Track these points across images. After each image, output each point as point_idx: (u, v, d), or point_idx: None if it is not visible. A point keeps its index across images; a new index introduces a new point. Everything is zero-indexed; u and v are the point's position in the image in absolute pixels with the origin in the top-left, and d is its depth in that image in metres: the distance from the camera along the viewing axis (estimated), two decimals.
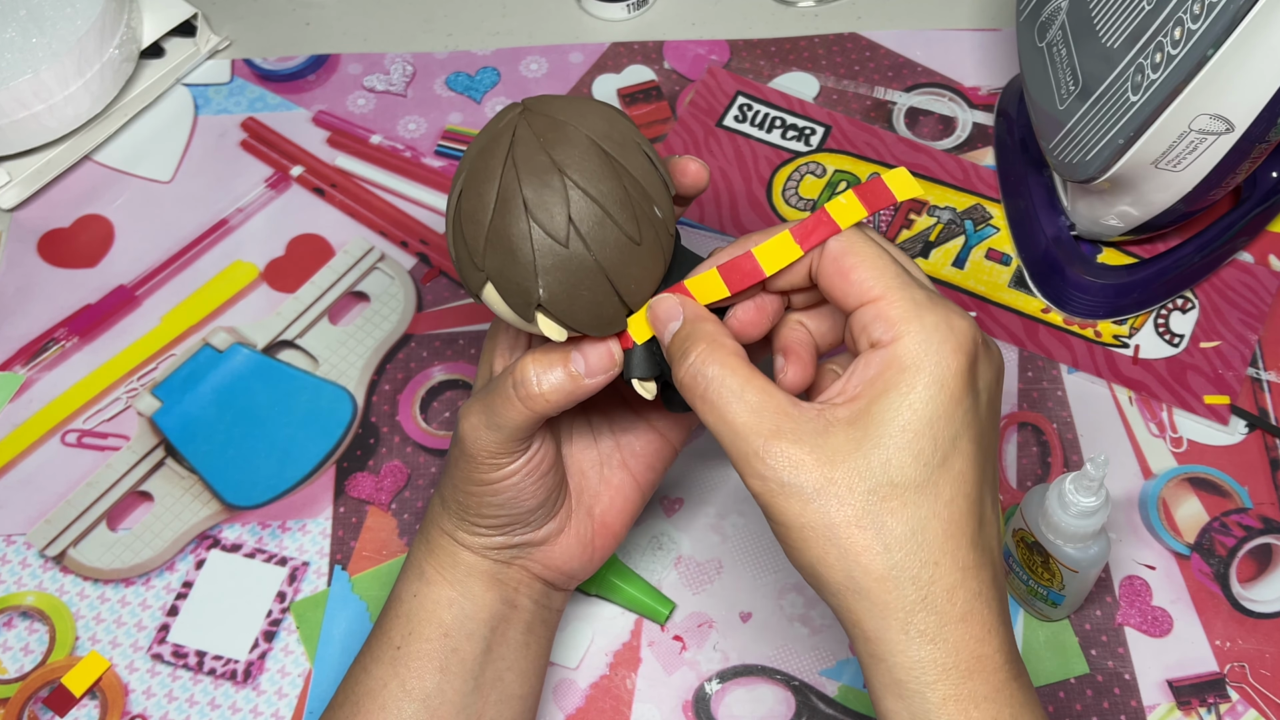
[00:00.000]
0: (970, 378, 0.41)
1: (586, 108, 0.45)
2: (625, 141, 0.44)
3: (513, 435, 0.47)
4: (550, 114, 0.44)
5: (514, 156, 0.43)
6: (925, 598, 0.40)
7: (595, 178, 0.43)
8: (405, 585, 0.52)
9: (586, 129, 0.44)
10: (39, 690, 0.60)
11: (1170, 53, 0.53)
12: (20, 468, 0.66)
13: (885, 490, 0.40)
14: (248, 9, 0.83)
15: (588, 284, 0.43)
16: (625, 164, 0.44)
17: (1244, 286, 0.68)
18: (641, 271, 0.45)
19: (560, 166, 0.43)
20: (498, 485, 0.49)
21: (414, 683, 0.50)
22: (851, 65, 0.77)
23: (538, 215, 0.42)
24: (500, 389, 0.47)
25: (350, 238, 0.72)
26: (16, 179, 0.74)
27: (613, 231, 0.43)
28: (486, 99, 0.77)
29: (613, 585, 0.61)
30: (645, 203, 0.44)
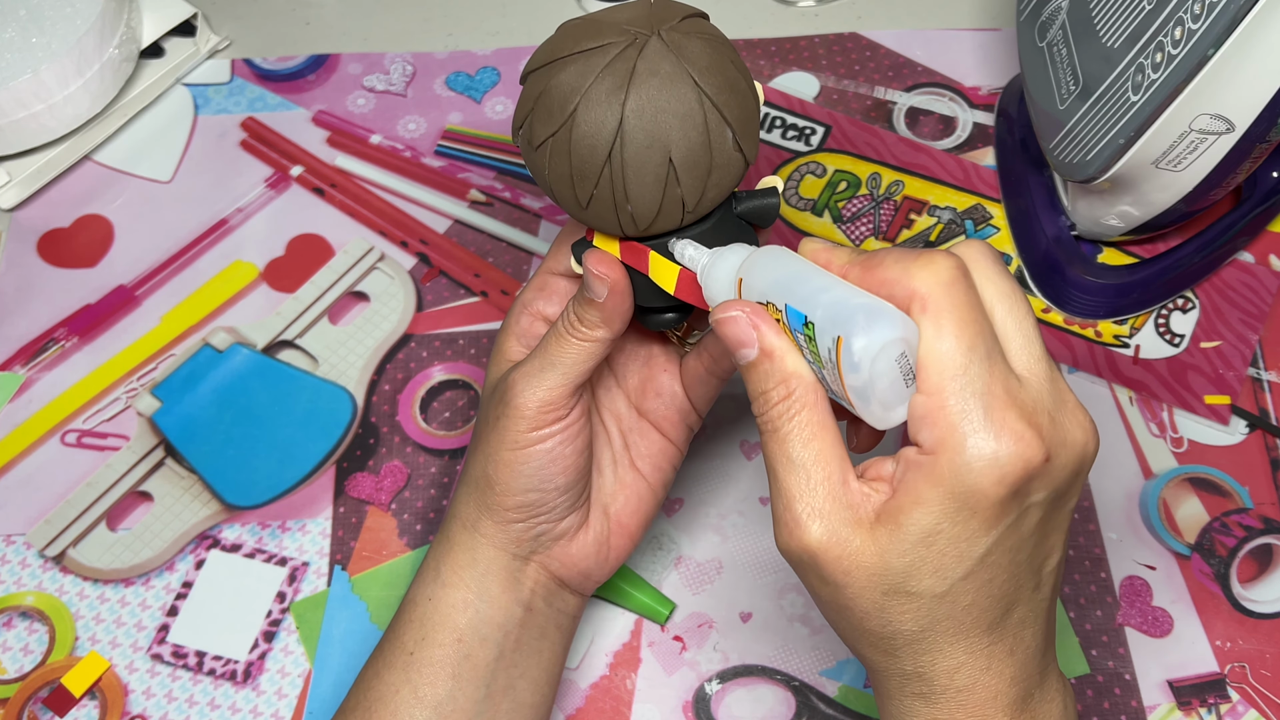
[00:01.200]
0: (1011, 503, 0.38)
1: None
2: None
3: (567, 377, 0.48)
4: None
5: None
6: (922, 673, 0.41)
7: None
8: (420, 588, 0.52)
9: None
10: (39, 690, 0.60)
11: (1171, 52, 0.53)
12: (20, 468, 0.66)
13: (901, 597, 0.39)
14: (247, 9, 0.83)
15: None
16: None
17: (1244, 286, 0.68)
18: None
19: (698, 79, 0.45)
20: (535, 449, 0.49)
21: (426, 689, 0.50)
22: (851, 65, 0.77)
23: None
24: (552, 337, 0.49)
25: (350, 238, 0.72)
26: (16, 179, 0.74)
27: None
28: (486, 99, 0.77)
29: (613, 586, 0.61)
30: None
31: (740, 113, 0.45)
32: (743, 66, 0.46)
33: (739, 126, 0.45)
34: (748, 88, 0.46)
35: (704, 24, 0.46)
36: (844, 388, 0.39)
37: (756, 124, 0.46)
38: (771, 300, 0.41)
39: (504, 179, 0.74)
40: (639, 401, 0.55)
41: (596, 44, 0.44)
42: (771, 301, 0.41)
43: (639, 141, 0.44)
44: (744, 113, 0.45)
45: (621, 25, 0.45)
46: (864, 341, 0.37)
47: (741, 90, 0.45)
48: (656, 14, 0.46)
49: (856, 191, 0.72)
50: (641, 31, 0.45)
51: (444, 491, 0.64)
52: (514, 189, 0.74)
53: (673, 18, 0.45)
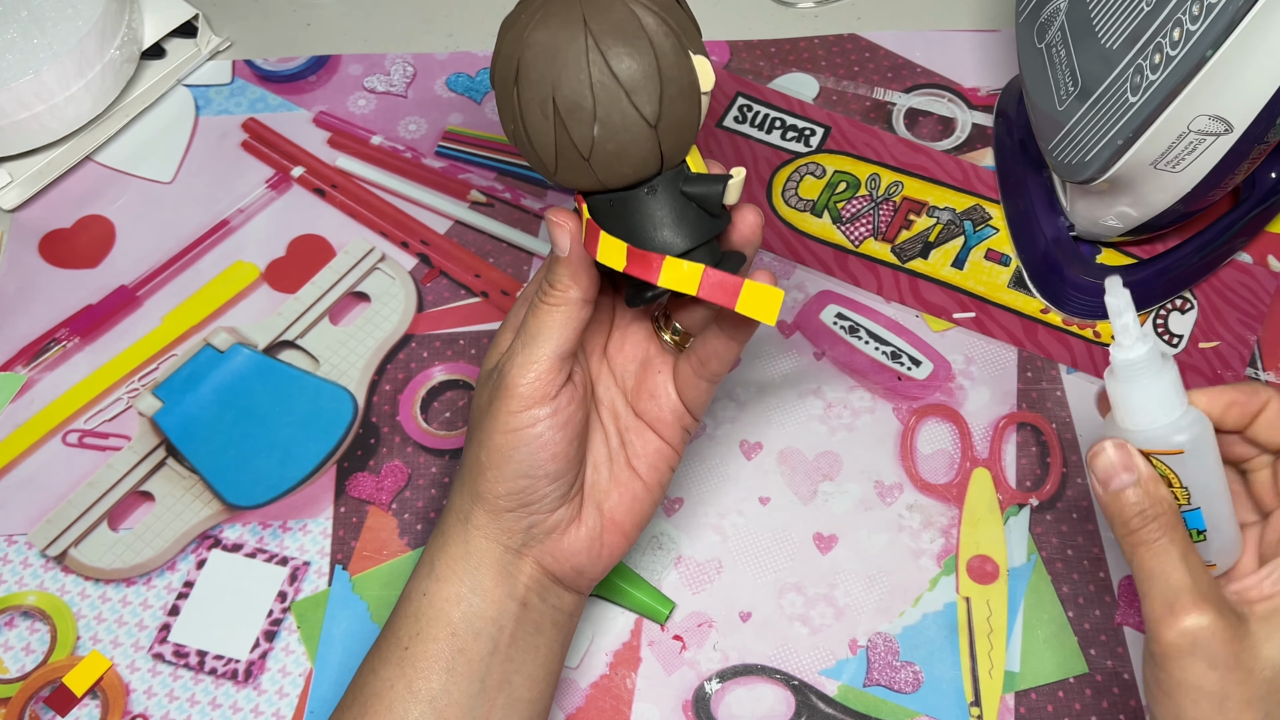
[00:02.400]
0: None
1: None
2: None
3: (553, 349, 0.49)
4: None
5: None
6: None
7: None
8: (415, 583, 0.52)
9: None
10: (40, 690, 0.60)
11: (1169, 53, 0.54)
12: (21, 468, 0.66)
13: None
14: (248, 10, 0.83)
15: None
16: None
17: (1243, 287, 0.68)
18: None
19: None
20: (526, 433, 0.49)
21: (420, 683, 0.50)
22: (851, 66, 0.77)
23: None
24: (529, 315, 0.50)
25: (351, 238, 0.72)
26: (18, 179, 0.74)
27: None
28: (487, 100, 0.77)
29: (613, 585, 0.61)
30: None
31: (639, 76, 0.45)
32: (664, 32, 0.46)
33: (633, 87, 0.45)
34: (663, 54, 0.46)
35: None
36: None
37: (660, 92, 0.46)
38: (1185, 485, 0.46)
39: (504, 180, 0.74)
40: (635, 402, 0.55)
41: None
42: (1184, 485, 0.46)
43: (530, 77, 0.46)
44: (644, 76, 0.45)
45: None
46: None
47: (643, 52, 0.45)
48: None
49: (856, 192, 0.72)
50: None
51: (444, 491, 0.64)
52: (514, 190, 0.74)
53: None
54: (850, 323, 0.68)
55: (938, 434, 0.65)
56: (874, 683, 0.59)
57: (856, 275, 0.69)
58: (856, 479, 0.64)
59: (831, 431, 0.65)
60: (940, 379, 0.66)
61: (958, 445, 0.64)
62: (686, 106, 0.47)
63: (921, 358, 0.67)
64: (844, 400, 0.66)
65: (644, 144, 0.46)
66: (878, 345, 0.67)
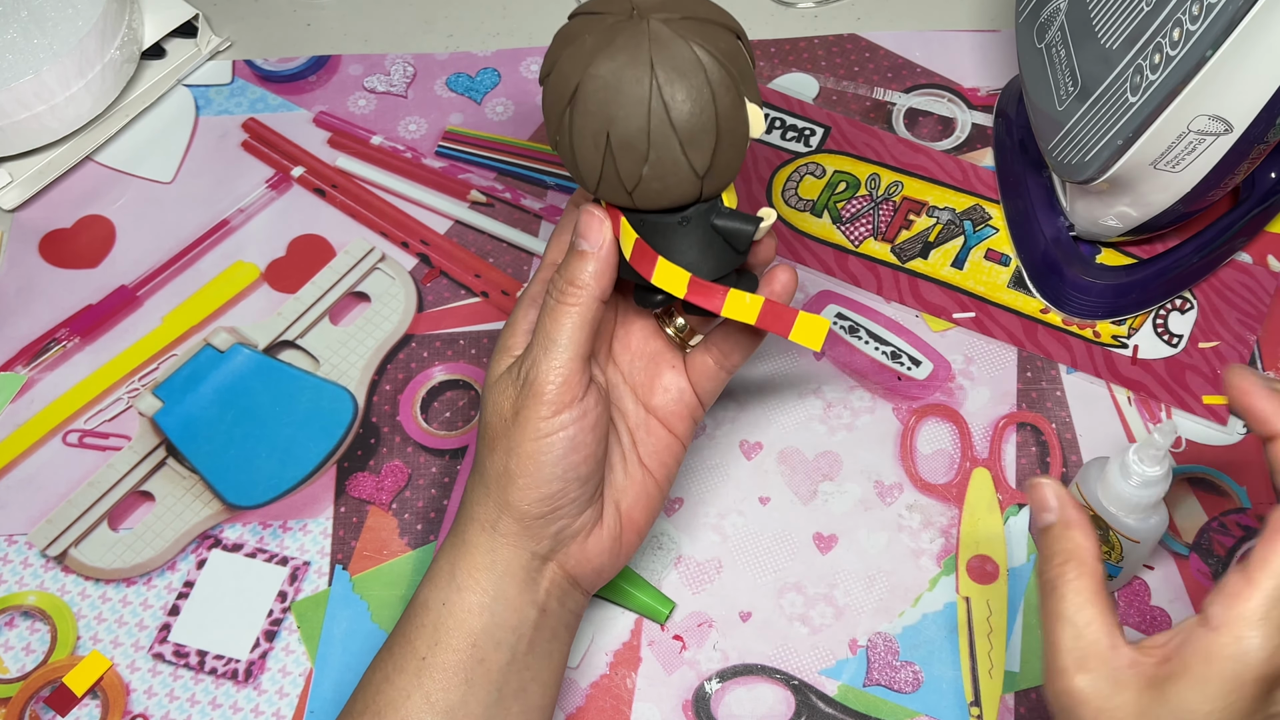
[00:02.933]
0: (1264, 699, 0.42)
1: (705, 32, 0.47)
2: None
3: (573, 350, 0.49)
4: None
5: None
6: None
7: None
8: (433, 592, 0.52)
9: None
10: (40, 690, 0.60)
11: (1169, 54, 0.54)
12: (22, 468, 0.66)
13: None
14: (248, 10, 0.83)
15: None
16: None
17: (1242, 287, 0.68)
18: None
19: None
20: (557, 437, 0.49)
21: (439, 695, 0.50)
22: (851, 66, 0.77)
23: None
24: (544, 316, 0.50)
25: (351, 238, 0.72)
26: (18, 179, 0.74)
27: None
28: (487, 100, 0.78)
29: (613, 585, 0.61)
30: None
31: (694, 123, 0.46)
32: (726, 83, 0.46)
33: (687, 136, 0.46)
34: (721, 104, 0.46)
35: (715, 33, 0.46)
36: None
37: (715, 141, 0.47)
38: (1124, 555, 0.56)
39: (504, 180, 0.74)
40: (646, 399, 0.56)
41: (604, 9, 0.47)
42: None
43: (587, 107, 0.46)
44: (699, 125, 0.46)
45: (635, 3, 0.46)
46: None
47: (703, 102, 0.46)
48: (676, 3, 0.47)
49: (856, 192, 0.72)
50: (639, 11, 0.46)
51: (445, 491, 0.64)
52: (514, 190, 0.74)
53: (679, 14, 0.46)
54: (850, 323, 0.68)
55: (937, 434, 0.65)
56: (874, 683, 0.59)
57: (856, 275, 0.69)
58: (856, 479, 0.64)
59: (831, 431, 0.65)
60: (940, 379, 0.66)
61: (957, 445, 0.64)
62: (735, 154, 0.48)
63: (921, 358, 0.67)
64: (844, 400, 0.66)
65: (688, 186, 0.48)
66: (878, 345, 0.67)
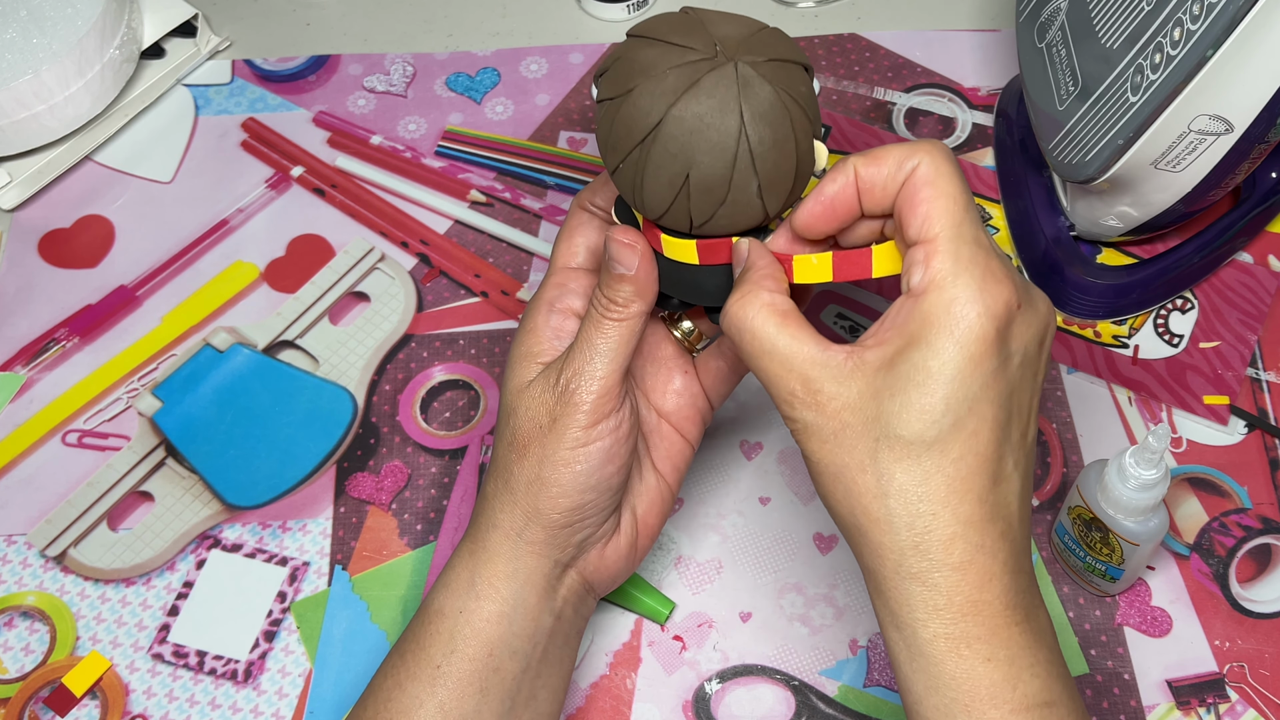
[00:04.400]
0: (997, 341, 0.41)
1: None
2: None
3: (615, 360, 0.49)
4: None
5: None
6: (919, 544, 0.42)
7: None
8: (449, 599, 0.51)
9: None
10: (40, 690, 0.60)
11: (1170, 53, 0.54)
12: (21, 468, 0.66)
13: (891, 440, 0.42)
14: (248, 9, 0.83)
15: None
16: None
17: (1243, 287, 0.68)
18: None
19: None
20: (594, 447, 0.49)
21: (453, 704, 0.50)
22: (851, 66, 0.77)
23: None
24: (588, 325, 0.49)
25: (351, 238, 0.72)
26: (17, 179, 0.74)
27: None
28: (487, 100, 0.77)
29: None
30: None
31: (776, 170, 0.46)
32: (806, 128, 0.47)
33: (768, 180, 0.46)
34: (801, 149, 0.46)
35: (795, 75, 0.46)
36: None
37: (792, 184, 0.47)
38: (1124, 558, 0.57)
39: (504, 179, 0.74)
40: (658, 403, 0.55)
41: (684, 43, 0.46)
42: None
43: (667, 147, 0.45)
44: (780, 171, 0.46)
45: (717, 38, 0.46)
46: None
47: (787, 149, 0.46)
48: (758, 42, 0.46)
49: None
50: (724, 54, 0.45)
51: (444, 491, 0.64)
52: (514, 190, 0.74)
53: (764, 55, 0.46)
54: (850, 322, 0.68)
55: None
56: (874, 683, 0.59)
57: None
58: None
59: None
60: None
61: None
62: (803, 189, 0.48)
63: None
64: None
65: (754, 221, 0.48)
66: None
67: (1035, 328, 0.43)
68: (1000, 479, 0.42)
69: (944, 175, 0.43)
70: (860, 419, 0.42)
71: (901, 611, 0.43)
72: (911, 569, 0.42)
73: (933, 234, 0.42)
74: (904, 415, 0.41)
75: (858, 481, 0.42)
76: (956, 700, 0.42)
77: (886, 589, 0.43)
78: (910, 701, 0.44)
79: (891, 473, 0.42)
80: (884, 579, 0.43)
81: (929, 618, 0.42)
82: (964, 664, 0.42)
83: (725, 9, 0.49)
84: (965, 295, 0.41)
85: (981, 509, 0.42)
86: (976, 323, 0.41)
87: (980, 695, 0.42)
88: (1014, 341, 0.42)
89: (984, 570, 0.42)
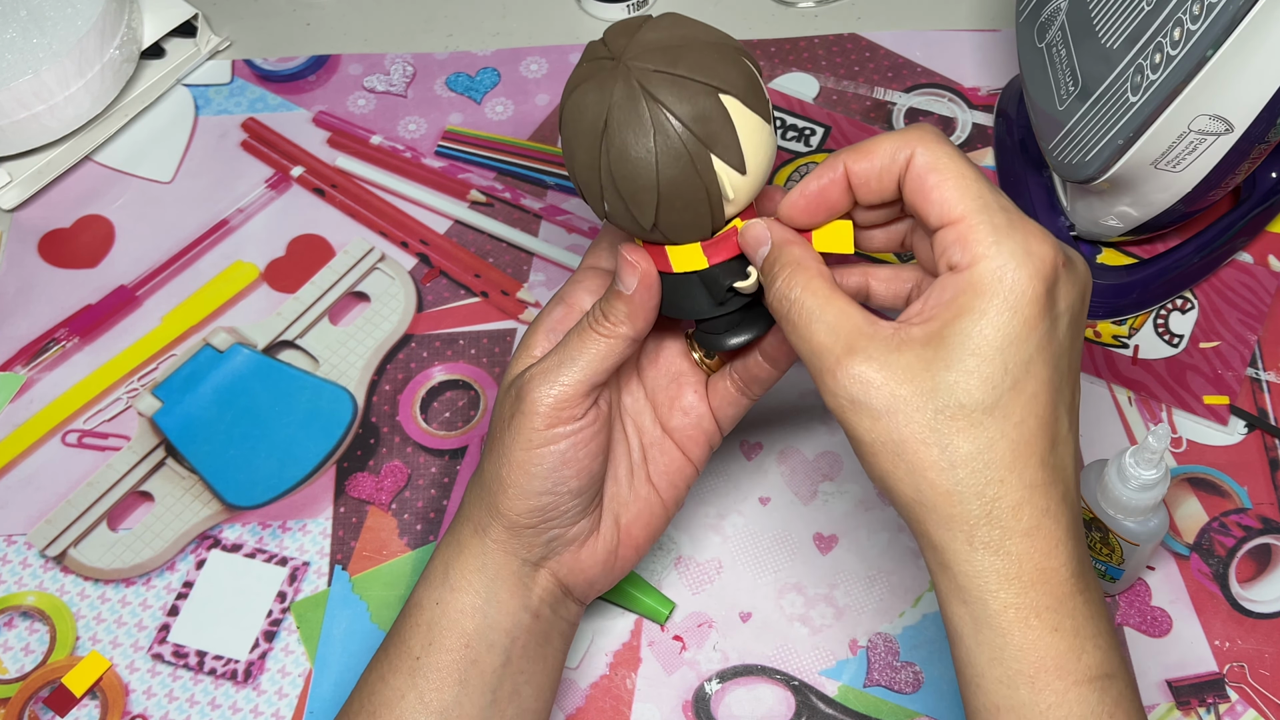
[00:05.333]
0: (1047, 301, 0.41)
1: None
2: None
3: (584, 375, 0.48)
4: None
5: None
6: (990, 513, 0.41)
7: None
8: (427, 591, 0.52)
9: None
10: (39, 690, 0.60)
11: (1170, 53, 0.54)
12: (21, 468, 0.66)
13: (952, 410, 0.41)
14: (248, 9, 0.83)
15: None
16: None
17: (1243, 287, 0.68)
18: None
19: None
20: (548, 450, 0.49)
21: (433, 695, 0.50)
22: (851, 66, 0.77)
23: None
24: (573, 334, 0.49)
25: (350, 238, 0.72)
26: (17, 179, 0.74)
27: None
28: (487, 100, 0.77)
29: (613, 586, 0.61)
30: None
31: (634, 187, 0.45)
32: (684, 154, 0.45)
33: (629, 195, 0.46)
34: (673, 173, 0.45)
35: (694, 97, 0.45)
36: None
37: (656, 201, 0.46)
38: (1124, 558, 0.57)
39: (504, 179, 0.74)
40: (665, 418, 0.55)
41: (610, 43, 0.46)
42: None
43: (563, 143, 0.47)
44: (639, 187, 0.45)
45: (637, 43, 0.46)
46: None
47: (645, 167, 0.45)
48: (674, 55, 0.45)
49: None
50: (623, 56, 0.45)
51: (444, 491, 0.64)
52: (514, 189, 0.74)
53: (661, 65, 0.45)
54: None
55: None
56: (874, 683, 0.59)
57: None
58: (856, 479, 0.64)
59: (831, 431, 0.65)
60: None
61: None
62: (693, 214, 0.46)
63: None
64: None
65: (645, 235, 0.48)
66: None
67: (1079, 285, 0.43)
68: (1058, 440, 0.42)
69: (944, 156, 0.43)
70: (914, 391, 0.41)
71: (971, 584, 0.42)
72: (984, 539, 0.41)
73: (959, 214, 0.42)
74: (964, 383, 0.41)
75: (921, 455, 0.41)
76: (1021, 671, 0.42)
77: (956, 562, 0.42)
78: (971, 675, 0.43)
79: (956, 443, 0.41)
80: (954, 553, 0.42)
81: (1000, 588, 0.41)
82: (1031, 633, 0.41)
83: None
84: (1013, 261, 0.41)
85: (1044, 472, 0.42)
86: (1029, 285, 0.41)
87: (1046, 665, 0.41)
88: (1061, 301, 0.42)
89: (1050, 536, 0.42)
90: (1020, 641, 0.42)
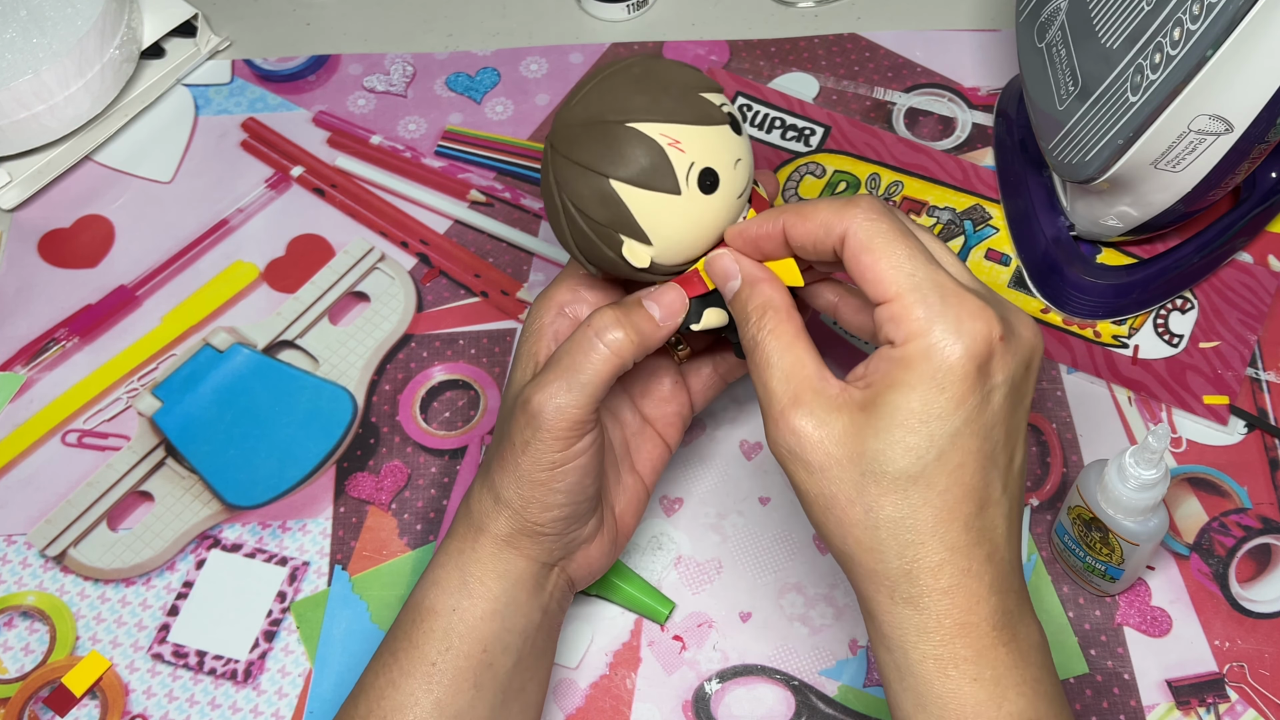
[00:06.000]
0: (978, 378, 0.42)
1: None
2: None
3: (593, 393, 0.49)
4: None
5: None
6: (909, 571, 0.43)
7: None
8: (442, 598, 0.51)
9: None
10: (39, 690, 0.60)
11: (1169, 53, 0.54)
12: (21, 468, 0.66)
13: (877, 476, 0.42)
14: (248, 9, 0.83)
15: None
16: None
17: (1243, 287, 0.68)
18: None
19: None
20: (569, 466, 0.49)
21: (448, 700, 0.50)
22: (851, 66, 0.77)
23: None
24: (576, 349, 0.49)
25: (350, 238, 0.72)
26: (17, 179, 0.74)
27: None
28: (486, 99, 0.77)
29: (613, 585, 0.61)
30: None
31: (564, 238, 0.50)
32: (587, 232, 0.49)
33: (572, 249, 0.50)
34: (585, 244, 0.49)
35: (579, 179, 0.48)
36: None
37: (585, 259, 0.50)
38: (1124, 558, 0.57)
39: (504, 179, 0.74)
40: (644, 408, 0.57)
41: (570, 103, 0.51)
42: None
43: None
44: (570, 246, 0.50)
45: (564, 110, 0.50)
46: None
47: (564, 236, 0.50)
48: (581, 134, 0.48)
49: (856, 192, 0.72)
50: (550, 135, 0.50)
51: (444, 491, 0.64)
52: (514, 189, 0.74)
53: (563, 148, 0.49)
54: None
55: None
56: (874, 683, 0.59)
57: None
58: None
59: None
60: None
61: None
62: (624, 272, 0.50)
63: None
64: None
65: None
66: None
67: (1020, 354, 0.44)
68: (987, 504, 0.43)
69: (877, 235, 0.43)
70: (845, 453, 0.43)
71: (893, 634, 0.44)
72: (903, 594, 0.43)
73: (892, 293, 0.43)
74: (889, 452, 0.42)
75: (847, 513, 0.43)
76: (943, 718, 0.43)
77: (879, 613, 0.44)
78: (899, 718, 0.45)
79: (880, 505, 0.43)
80: (877, 604, 0.44)
81: (919, 640, 0.43)
82: (951, 684, 0.43)
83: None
84: (944, 340, 0.42)
85: (968, 535, 0.43)
86: (958, 364, 0.42)
87: (966, 713, 0.43)
88: (998, 374, 0.43)
89: (971, 594, 0.43)
90: (940, 690, 0.43)
